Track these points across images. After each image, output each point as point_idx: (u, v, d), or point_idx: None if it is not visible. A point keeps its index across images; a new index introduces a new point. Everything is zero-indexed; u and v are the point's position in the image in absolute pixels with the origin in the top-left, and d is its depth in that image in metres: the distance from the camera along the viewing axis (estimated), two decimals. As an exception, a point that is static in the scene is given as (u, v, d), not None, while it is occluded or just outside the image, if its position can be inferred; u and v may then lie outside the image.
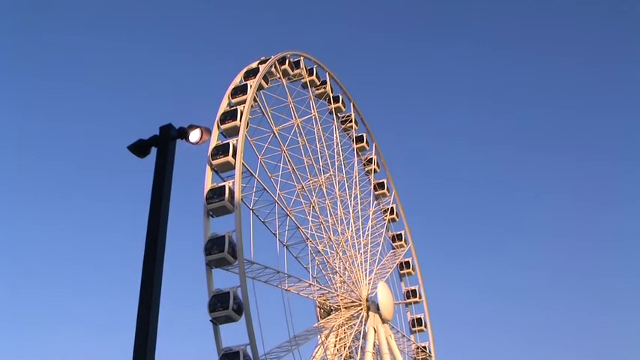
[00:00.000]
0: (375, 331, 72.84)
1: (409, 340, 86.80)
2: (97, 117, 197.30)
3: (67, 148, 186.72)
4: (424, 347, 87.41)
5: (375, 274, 78.62)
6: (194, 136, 17.95)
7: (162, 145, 17.69)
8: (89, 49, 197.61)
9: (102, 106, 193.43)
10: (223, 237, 55.28)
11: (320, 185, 73.42)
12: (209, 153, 60.16)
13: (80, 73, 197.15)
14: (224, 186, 57.68)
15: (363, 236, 79.01)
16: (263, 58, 70.15)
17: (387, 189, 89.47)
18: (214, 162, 59.57)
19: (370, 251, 79.58)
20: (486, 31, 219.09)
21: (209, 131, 18.09)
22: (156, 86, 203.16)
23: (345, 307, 72.60)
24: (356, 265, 75.09)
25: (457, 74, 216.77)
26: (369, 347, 71.07)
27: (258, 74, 66.45)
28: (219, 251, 54.74)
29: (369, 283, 75.95)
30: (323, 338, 70.46)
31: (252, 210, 62.66)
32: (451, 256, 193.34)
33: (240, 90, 65.08)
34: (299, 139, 71.98)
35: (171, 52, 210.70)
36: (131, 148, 17.99)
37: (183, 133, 17.95)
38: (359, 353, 71.57)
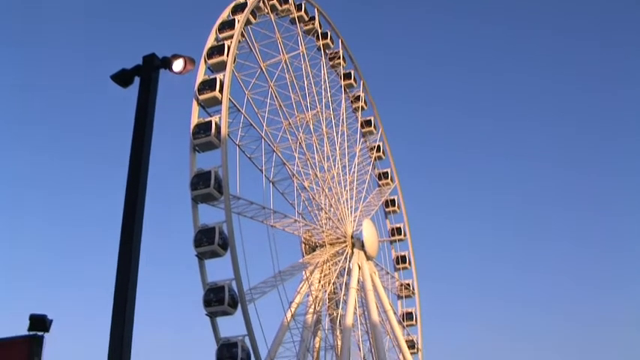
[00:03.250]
0: (359, 268, 73.53)
1: (393, 277, 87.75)
2: (80, 47, 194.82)
3: (49, 75, 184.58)
4: (408, 284, 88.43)
5: (361, 211, 79.03)
6: (177, 65, 17.84)
7: (146, 74, 17.61)
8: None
9: (84, 37, 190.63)
10: (209, 172, 55.39)
11: (307, 122, 73.27)
12: (196, 88, 59.91)
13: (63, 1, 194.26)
14: (210, 121, 57.59)
15: (349, 173, 79.21)
16: (251, -8, 69.27)
17: (374, 127, 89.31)
18: (201, 97, 59.38)
19: (356, 188, 79.88)
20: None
21: (193, 61, 17.98)
22: (142, 21, 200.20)
23: (330, 244, 73.17)
24: (341, 202, 75.45)
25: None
26: (354, 283, 71.79)
27: (246, 9, 65.74)
28: (205, 186, 54.91)
29: (354, 220, 76.45)
30: (308, 274, 71.11)
31: (238, 146, 62.53)
32: (437, 194, 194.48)
33: (228, 25, 64.50)
34: (286, 75, 71.54)
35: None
36: (114, 77, 17.89)
37: (167, 63, 17.84)
38: (343, 289, 72.35)
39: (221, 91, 58.78)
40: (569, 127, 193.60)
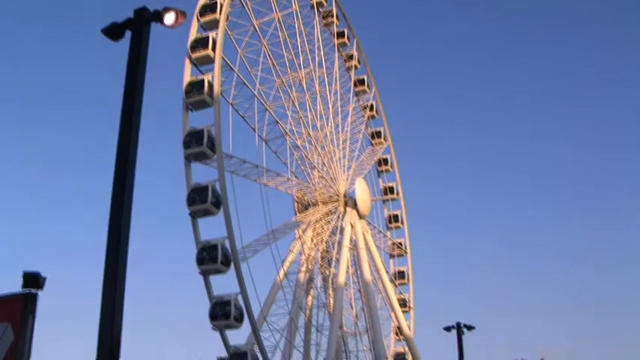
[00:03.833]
0: (352, 227, 73.70)
1: (385, 236, 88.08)
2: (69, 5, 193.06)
3: (41, 28, 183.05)
4: (400, 243, 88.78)
5: (354, 170, 78.98)
6: (169, 18, 17.66)
7: (137, 28, 17.44)
8: None
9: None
10: (202, 131, 55.23)
11: (300, 80, 72.85)
12: (188, 46, 59.51)
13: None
14: (203, 79, 57.30)
15: (342, 132, 78.99)
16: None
17: (368, 86, 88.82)
18: (194, 55, 59.01)
19: (349, 147, 79.72)
20: None
21: (184, 14, 17.79)
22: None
23: (323, 202, 73.26)
24: (334, 160, 75.37)
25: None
26: (346, 242, 72.00)
27: (239, -33, 65.05)
28: (198, 145, 54.81)
29: (347, 179, 76.45)
30: (300, 233, 71.29)
31: (231, 104, 62.25)
32: (430, 153, 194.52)
33: (221, -18, 63.77)
34: (279, 33, 70.92)
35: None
36: (105, 31, 17.70)
37: (158, 16, 17.66)
38: (336, 248, 72.61)
39: (214, 49, 58.41)
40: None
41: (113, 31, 17.63)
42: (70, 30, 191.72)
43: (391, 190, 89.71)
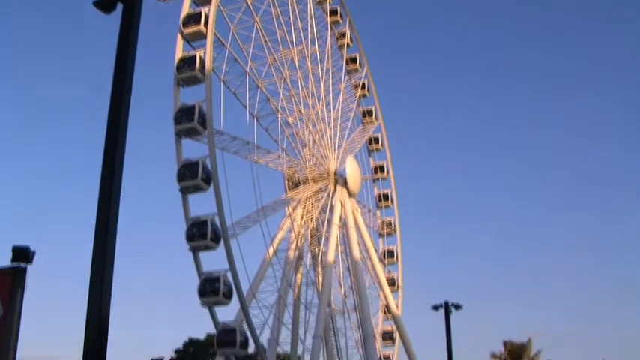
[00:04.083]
0: (341, 205, 73.78)
1: (375, 215, 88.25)
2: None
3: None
4: (390, 222, 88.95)
5: (344, 148, 78.88)
6: (161, -8, 17.57)
7: (129, 0, 17.27)
8: None
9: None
10: (193, 107, 55.01)
11: (292, 58, 72.52)
12: (180, 21, 59.07)
13: None
14: (195, 55, 56.99)
15: (333, 110, 78.74)
16: None
17: (360, 64, 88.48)
18: (185, 31, 58.61)
19: (340, 126, 79.54)
20: None
21: (177, -12, 17.70)
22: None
23: (313, 180, 73.24)
24: (325, 139, 75.25)
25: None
26: (336, 220, 72.12)
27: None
28: (189, 121, 54.61)
29: (337, 158, 76.36)
30: (290, 210, 71.32)
31: (222, 81, 61.96)
32: (421, 133, 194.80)
33: (213, -43, 63.26)
34: (272, 10, 70.48)
35: None
36: (96, 3, 17.54)
37: (151, -11, 17.54)
38: (325, 226, 72.68)
39: (206, 25, 58.02)
40: None
41: (105, 4, 17.47)
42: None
43: (381, 169, 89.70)
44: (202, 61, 56.46)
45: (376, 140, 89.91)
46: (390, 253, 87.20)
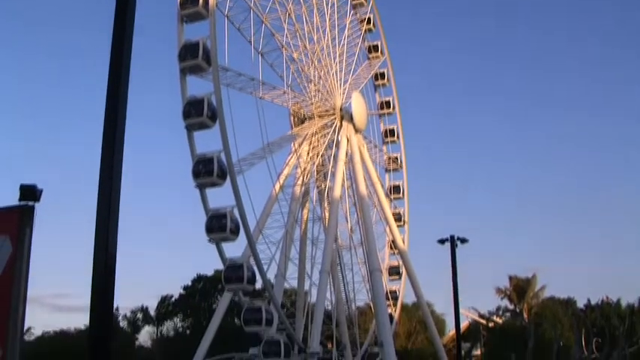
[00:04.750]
0: (347, 141, 73.67)
1: (381, 150, 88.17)
2: None
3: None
4: (395, 158, 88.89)
5: (350, 84, 78.25)
6: None
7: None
8: None
9: None
10: (197, 43, 54.40)
11: (296, -8, 71.55)
12: (184, -43, 58.06)
13: None
14: (198, -9, 56.14)
15: (338, 46, 77.78)
16: None
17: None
18: (188, -34, 57.63)
19: (346, 61, 78.76)
20: None
21: None
22: None
23: (319, 116, 72.95)
24: (331, 74, 74.65)
25: None
26: (342, 156, 72.00)
27: None
28: (193, 58, 54.07)
29: (343, 93, 75.85)
30: (296, 146, 71.28)
31: (226, 17, 61.19)
32: (427, 67, 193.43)
33: None
34: (276, -58, 69.27)
35: None
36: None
37: None
38: (331, 162, 72.66)
39: (208, -41, 57.05)
40: None
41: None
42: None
43: (387, 104, 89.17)
44: (206, -3, 55.71)
45: (382, 75, 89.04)
46: (396, 189, 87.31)
